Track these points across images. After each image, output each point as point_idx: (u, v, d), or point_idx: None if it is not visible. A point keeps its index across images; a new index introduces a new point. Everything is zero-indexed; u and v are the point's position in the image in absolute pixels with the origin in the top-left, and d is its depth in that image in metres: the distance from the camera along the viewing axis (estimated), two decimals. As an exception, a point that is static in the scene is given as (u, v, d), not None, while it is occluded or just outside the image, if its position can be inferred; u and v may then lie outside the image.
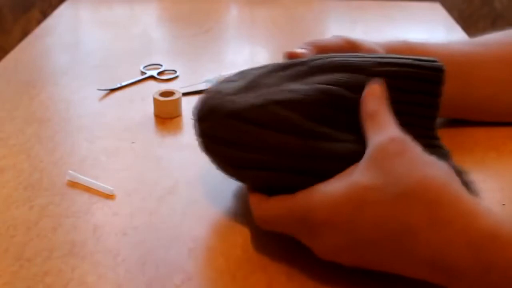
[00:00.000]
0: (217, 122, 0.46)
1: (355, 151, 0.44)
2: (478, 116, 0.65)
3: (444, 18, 1.06)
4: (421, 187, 0.38)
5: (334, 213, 0.40)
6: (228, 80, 0.51)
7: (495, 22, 1.51)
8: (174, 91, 0.69)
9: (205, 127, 0.47)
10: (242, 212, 0.52)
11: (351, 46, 0.56)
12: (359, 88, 0.47)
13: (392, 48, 0.60)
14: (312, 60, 0.50)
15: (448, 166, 0.40)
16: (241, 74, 0.51)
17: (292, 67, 0.50)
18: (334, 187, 0.41)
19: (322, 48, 0.55)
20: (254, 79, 0.49)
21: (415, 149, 0.40)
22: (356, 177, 0.40)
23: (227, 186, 0.55)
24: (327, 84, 0.47)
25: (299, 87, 0.46)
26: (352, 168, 0.42)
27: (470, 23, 1.51)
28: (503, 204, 0.53)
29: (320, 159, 0.44)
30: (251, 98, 0.46)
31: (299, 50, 0.53)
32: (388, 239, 0.38)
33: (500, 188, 0.55)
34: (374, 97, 0.46)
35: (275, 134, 0.44)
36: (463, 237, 0.36)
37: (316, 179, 0.44)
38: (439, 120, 0.67)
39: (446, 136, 0.64)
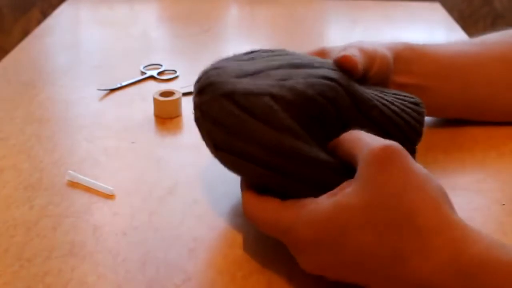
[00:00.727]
0: (212, 98, 0.46)
1: (340, 166, 0.44)
2: (477, 116, 0.65)
3: (444, 18, 1.06)
4: (412, 214, 0.37)
5: (319, 233, 0.39)
6: (238, 59, 0.51)
7: (495, 22, 1.51)
8: (174, 91, 0.69)
9: (201, 101, 0.47)
10: (242, 212, 0.52)
11: (367, 57, 0.55)
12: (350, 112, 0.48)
13: (395, 51, 0.60)
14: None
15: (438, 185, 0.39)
16: (252, 55, 0.51)
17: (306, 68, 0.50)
18: (322, 206, 0.39)
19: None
20: (263, 66, 0.48)
21: (407, 163, 0.38)
22: (344, 198, 0.38)
23: (227, 186, 0.55)
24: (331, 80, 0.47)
25: (302, 81, 0.46)
26: (344, 185, 0.41)
27: (470, 23, 1.51)
28: (503, 204, 0.53)
29: (303, 164, 0.43)
30: (251, 84, 0.46)
31: (353, 57, 0.51)
32: (376, 263, 0.37)
33: (500, 188, 0.55)
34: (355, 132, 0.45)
35: (262, 126, 0.43)
36: (452, 265, 0.35)
37: (296, 184, 0.43)
38: (440, 120, 0.67)
39: (446, 136, 0.64)
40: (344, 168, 0.44)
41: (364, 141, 0.41)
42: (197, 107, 0.47)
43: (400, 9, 1.11)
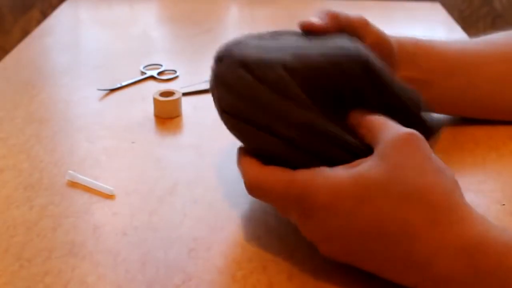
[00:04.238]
0: (227, 66, 0.47)
1: (349, 143, 0.44)
2: (480, 114, 0.65)
3: (444, 18, 1.06)
4: (427, 191, 0.39)
5: (336, 200, 0.40)
6: (260, 36, 0.51)
7: (495, 22, 1.51)
8: (174, 91, 0.69)
9: (217, 69, 0.48)
10: (242, 212, 0.52)
11: (363, 26, 0.55)
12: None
13: (401, 43, 0.60)
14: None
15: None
16: (276, 35, 0.52)
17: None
18: (340, 174, 0.41)
19: (339, 22, 0.54)
20: (282, 44, 0.49)
21: (427, 151, 0.41)
22: (364, 169, 0.40)
23: (227, 186, 0.55)
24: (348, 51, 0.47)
25: (316, 52, 0.46)
26: (360, 161, 0.42)
27: (470, 23, 1.51)
28: (503, 204, 0.53)
29: (309, 135, 0.44)
30: (266, 55, 0.46)
31: (316, 22, 0.52)
32: (386, 235, 0.39)
33: (500, 188, 0.55)
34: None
35: (272, 95, 0.44)
36: (458, 241, 0.37)
37: (305, 158, 0.44)
38: (440, 120, 0.67)
39: (446, 137, 0.64)
40: (352, 146, 0.44)
41: (390, 126, 0.43)
42: (214, 74, 0.48)
43: (400, 9, 1.11)
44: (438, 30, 1.00)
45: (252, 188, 0.44)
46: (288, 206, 0.42)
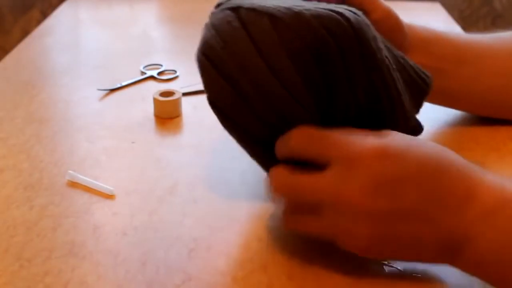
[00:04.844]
0: (221, 10, 0.47)
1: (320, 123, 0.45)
2: (485, 110, 0.64)
3: (444, 18, 1.06)
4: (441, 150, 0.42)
5: (380, 155, 0.41)
6: None
7: (495, 22, 1.51)
8: (174, 91, 0.69)
9: (213, 16, 0.48)
10: (242, 212, 0.52)
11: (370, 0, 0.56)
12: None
13: (413, 29, 0.61)
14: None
15: None
16: None
17: None
18: (373, 138, 0.42)
19: None
20: (283, 1, 0.47)
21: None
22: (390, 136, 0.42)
23: (227, 186, 0.55)
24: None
25: (311, 10, 0.45)
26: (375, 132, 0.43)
27: (470, 23, 1.51)
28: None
29: (276, 109, 0.44)
30: (258, 4, 0.45)
31: None
32: (426, 176, 0.40)
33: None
34: None
35: (255, 56, 0.44)
36: (483, 178, 0.41)
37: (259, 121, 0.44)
38: (440, 120, 0.67)
39: (446, 137, 0.64)
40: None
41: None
42: (209, 22, 0.48)
43: (400, 9, 1.11)
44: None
45: (281, 188, 0.44)
46: (317, 211, 0.42)
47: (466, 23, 1.52)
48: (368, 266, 0.45)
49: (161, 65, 0.83)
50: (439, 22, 1.04)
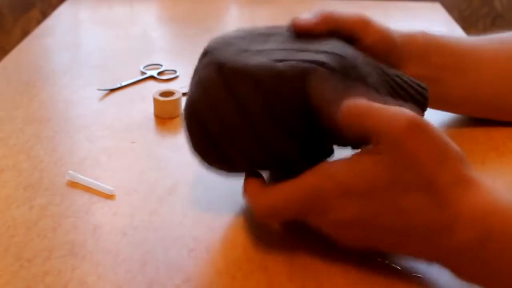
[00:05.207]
0: (206, 63, 0.48)
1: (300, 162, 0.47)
2: (486, 114, 0.64)
3: (444, 18, 1.06)
4: (433, 180, 0.40)
5: (349, 188, 0.41)
6: (252, 36, 0.51)
7: (495, 22, 1.51)
8: (174, 91, 0.69)
9: (198, 62, 0.49)
10: (242, 212, 0.52)
11: (362, 27, 0.55)
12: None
13: (412, 38, 0.60)
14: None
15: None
16: (268, 32, 0.52)
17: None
18: (343, 170, 0.42)
19: (335, 23, 0.54)
20: (269, 47, 0.49)
21: (429, 136, 0.40)
22: (367, 166, 0.41)
23: (227, 186, 0.55)
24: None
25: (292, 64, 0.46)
26: (360, 154, 0.42)
27: (470, 23, 1.51)
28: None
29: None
30: (243, 61, 0.46)
31: (304, 22, 0.51)
32: (404, 211, 0.40)
33: (500, 189, 0.55)
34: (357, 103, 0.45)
35: (235, 114, 0.45)
36: (472, 209, 0.39)
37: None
38: (440, 120, 0.67)
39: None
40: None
41: (379, 115, 0.41)
42: (195, 67, 0.50)
43: (400, 9, 1.11)
44: (438, 30, 1.00)
45: (264, 215, 0.44)
46: (306, 210, 0.43)
47: (466, 23, 1.52)
48: (368, 266, 0.45)
49: (161, 65, 0.83)
50: (439, 22, 1.04)
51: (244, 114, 0.45)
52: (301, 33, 0.51)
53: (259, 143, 0.45)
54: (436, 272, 0.45)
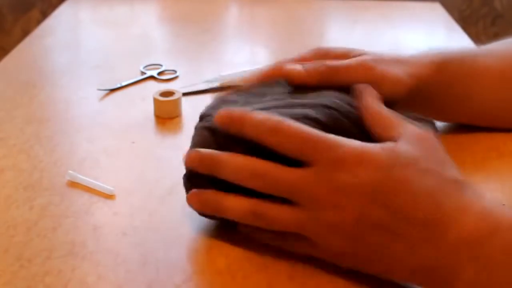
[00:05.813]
0: (201, 126, 0.49)
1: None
2: (481, 122, 0.64)
3: (444, 18, 1.06)
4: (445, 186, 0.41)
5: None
6: (247, 96, 0.52)
7: (495, 22, 1.51)
8: (174, 91, 0.69)
9: (196, 131, 0.49)
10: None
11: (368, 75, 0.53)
12: None
13: (417, 82, 0.57)
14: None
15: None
16: (263, 90, 0.52)
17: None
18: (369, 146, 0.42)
19: (326, 56, 0.54)
20: (266, 106, 0.49)
21: (442, 150, 0.43)
22: (395, 145, 0.42)
23: (227, 186, 0.55)
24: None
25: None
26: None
27: (470, 23, 1.51)
28: (503, 204, 0.53)
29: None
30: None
31: (298, 74, 0.51)
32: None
33: (500, 188, 0.55)
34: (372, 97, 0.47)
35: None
36: (475, 206, 0.39)
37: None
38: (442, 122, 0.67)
39: (447, 136, 0.64)
40: None
41: (406, 124, 0.44)
42: (194, 130, 0.51)
43: (400, 9, 1.11)
44: (438, 30, 1.00)
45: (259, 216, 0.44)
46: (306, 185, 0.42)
47: (466, 23, 1.52)
48: (368, 266, 0.45)
49: (161, 65, 0.83)
50: (439, 22, 1.04)
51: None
52: (295, 85, 0.52)
53: None
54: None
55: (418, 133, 0.43)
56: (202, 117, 0.50)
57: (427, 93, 0.58)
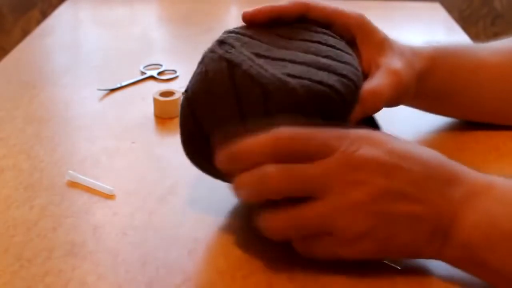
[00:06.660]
0: (219, 57, 0.47)
1: None
2: (490, 119, 0.64)
3: (444, 18, 1.06)
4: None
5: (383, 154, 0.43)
6: (274, 34, 0.50)
7: (495, 22, 1.51)
8: (174, 91, 0.69)
9: (211, 56, 0.48)
10: (242, 212, 0.52)
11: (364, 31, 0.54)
12: None
13: (416, 52, 0.58)
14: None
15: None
16: (292, 32, 0.51)
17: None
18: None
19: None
20: (288, 56, 0.48)
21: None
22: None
23: (227, 186, 0.55)
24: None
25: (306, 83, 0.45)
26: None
27: (470, 23, 1.51)
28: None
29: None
30: (257, 68, 0.45)
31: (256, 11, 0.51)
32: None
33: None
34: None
35: (236, 117, 0.45)
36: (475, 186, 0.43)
37: None
38: (440, 120, 0.67)
39: (447, 136, 0.64)
40: None
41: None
42: (204, 53, 0.49)
43: (400, 9, 1.11)
44: (438, 30, 1.00)
45: (277, 233, 0.44)
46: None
47: (466, 23, 1.52)
48: (368, 266, 0.45)
49: (161, 65, 0.83)
50: (439, 22, 1.04)
51: (243, 121, 0.44)
52: (281, 19, 0.51)
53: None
54: (437, 273, 0.45)
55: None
56: (222, 42, 0.48)
57: (424, 86, 0.58)
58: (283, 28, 0.51)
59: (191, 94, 0.47)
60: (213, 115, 0.46)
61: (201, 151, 0.47)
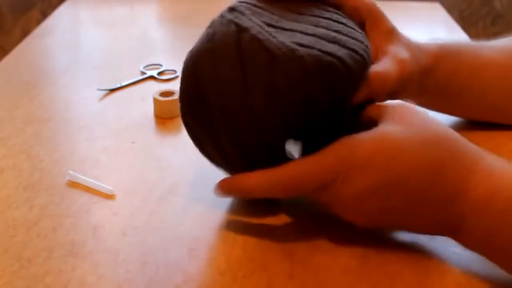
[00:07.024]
0: (228, 21, 0.46)
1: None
2: (491, 118, 0.64)
3: (444, 18, 1.06)
4: (440, 133, 0.44)
5: (375, 153, 0.43)
6: (285, 8, 0.50)
7: (495, 22, 1.51)
8: (174, 91, 0.69)
9: (220, 21, 0.48)
10: (242, 212, 0.52)
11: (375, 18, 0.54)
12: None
13: (420, 48, 0.58)
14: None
15: None
16: (304, 10, 0.50)
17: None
18: (368, 135, 0.44)
19: None
20: (298, 28, 0.47)
21: (422, 112, 0.46)
22: (385, 129, 0.44)
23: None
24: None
25: (314, 53, 0.45)
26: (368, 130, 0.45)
27: (470, 23, 1.51)
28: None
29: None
30: (265, 34, 0.45)
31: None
32: (421, 172, 0.43)
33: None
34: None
35: (239, 88, 0.44)
36: (477, 166, 0.43)
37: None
38: (441, 119, 0.67)
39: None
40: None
41: (385, 106, 0.48)
42: (216, 17, 0.49)
43: (400, 9, 1.11)
44: (438, 30, 1.00)
45: (289, 189, 0.44)
46: (327, 181, 0.44)
47: (466, 23, 1.52)
48: (368, 266, 0.45)
49: (161, 65, 0.83)
50: (439, 22, 1.04)
51: (247, 87, 0.44)
52: None
53: (253, 124, 0.44)
54: (436, 273, 0.45)
55: (396, 109, 0.46)
56: (233, 9, 0.48)
57: (427, 82, 0.59)
58: (295, 4, 0.51)
59: (195, 51, 0.46)
60: (215, 76, 0.45)
61: (195, 111, 0.46)
